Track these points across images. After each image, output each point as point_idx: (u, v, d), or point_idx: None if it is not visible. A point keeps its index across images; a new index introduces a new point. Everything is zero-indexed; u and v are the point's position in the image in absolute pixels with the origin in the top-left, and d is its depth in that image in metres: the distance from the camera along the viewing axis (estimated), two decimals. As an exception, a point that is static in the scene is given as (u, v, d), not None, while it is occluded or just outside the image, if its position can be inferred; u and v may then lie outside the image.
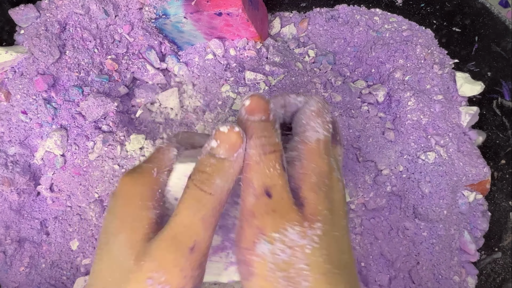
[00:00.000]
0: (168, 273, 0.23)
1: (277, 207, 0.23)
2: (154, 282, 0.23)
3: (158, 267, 0.23)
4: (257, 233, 0.23)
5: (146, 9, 0.49)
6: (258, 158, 0.24)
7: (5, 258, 0.44)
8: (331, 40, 0.57)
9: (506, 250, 0.47)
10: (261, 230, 0.23)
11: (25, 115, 0.44)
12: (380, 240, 0.48)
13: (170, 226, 0.24)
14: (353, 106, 0.50)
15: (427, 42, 0.55)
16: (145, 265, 0.23)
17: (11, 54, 0.44)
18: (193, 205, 0.24)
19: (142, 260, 0.23)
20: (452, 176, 0.47)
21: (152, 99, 0.51)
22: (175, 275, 0.23)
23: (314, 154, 0.26)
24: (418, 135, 0.48)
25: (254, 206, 0.24)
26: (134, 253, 0.24)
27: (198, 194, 0.24)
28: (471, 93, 0.51)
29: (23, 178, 0.44)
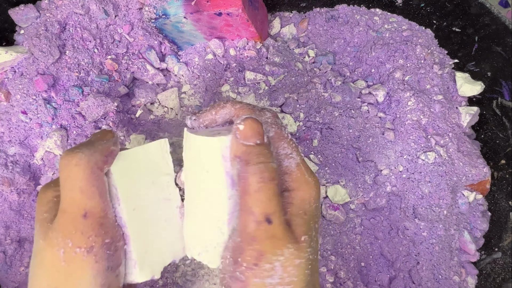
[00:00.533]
0: (73, 239, 0.26)
1: (277, 233, 0.26)
2: (65, 250, 0.26)
3: (63, 237, 0.26)
4: (258, 256, 0.25)
5: (146, 9, 0.49)
6: (257, 186, 0.26)
7: (5, 258, 0.44)
8: (331, 40, 0.57)
9: (506, 250, 0.47)
10: (262, 254, 0.25)
11: (25, 115, 0.44)
12: (380, 240, 0.48)
13: (61, 204, 0.27)
14: (353, 106, 0.50)
15: (427, 42, 0.55)
16: (53, 240, 0.26)
17: (11, 54, 0.44)
18: (68, 180, 0.26)
19: (48, 237, 0.27)
20: (452, 176, 0.47)
21: (152, 99, 0.51)
22: (78, 238, 0.26)
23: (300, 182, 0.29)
24: (418, 135, 0.48)
25: (256, 232, 0.26)
26: (41, 236, 0.27)
27: (69, 169, 0.26)
28: (471, 93, 0.51)
29: (23, 178, 0.44)
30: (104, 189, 0.27)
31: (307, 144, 0.49)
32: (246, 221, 0.26)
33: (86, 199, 0.26)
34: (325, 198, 0.47)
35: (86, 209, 0.26)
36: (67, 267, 0.26)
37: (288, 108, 0.49)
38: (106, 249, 0.27)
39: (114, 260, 0.28)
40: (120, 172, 0.29)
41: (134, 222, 0.30)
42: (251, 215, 0.26)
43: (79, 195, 0.26)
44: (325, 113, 0.49)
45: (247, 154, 0.26)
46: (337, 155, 0.48)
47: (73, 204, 0.26)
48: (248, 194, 0.26)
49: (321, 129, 0.49)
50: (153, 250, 0.31)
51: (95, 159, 0.27)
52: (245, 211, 0.26)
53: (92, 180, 0.26)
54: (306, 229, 0.28)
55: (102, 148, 0.28)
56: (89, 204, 0.26)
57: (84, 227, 0.26)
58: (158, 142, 0.32)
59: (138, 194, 0.31)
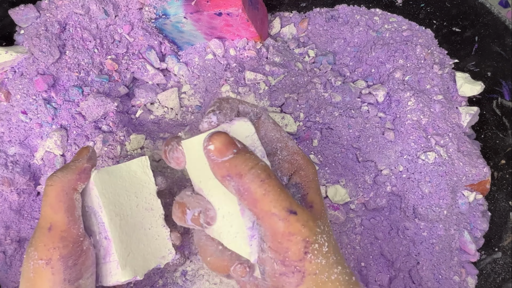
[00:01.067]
0: (38, 250, 0.30)
1: (306, 218, 0.27)
2: (33, 262, 0.30)
3: (33, 249, 0.30)
4: (305, 244, 0.26)
5: (146, 9, 0.49)
6: (262, 189, 0.26)
7: (5, 258, 0.44)
8: (331, 40, 0.57)
9: (506, 250, 0.47)
10: (307, 240, 0.26)
11: (25, 115, 0.44)
12: (380, 240, 0.48)
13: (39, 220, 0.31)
14: (353, 106, 0.50)
15: (427, 42, 0.55)
16: (28, 253, 0.30)
17: (11, 54, 0.44)
18: (43, 198, 0.31)
19: (27, 251, 0.31)
20: (452, 176, 0.47)
21: (152, 99, 0.51)
22: (41, 250, 0.30)
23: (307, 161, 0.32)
24: (418, 135, 0.48)
25: (289, 228, 0.26)
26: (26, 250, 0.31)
27: (45, 189, 0.31)
28: (471, 93, 0.51)
29: (23, 178, 0.44)
30: (71, 205, 0.31)
31: (307, 144, 0.49)
32: (273, 224, 0.26)
33: (53, 213, 0.30)
34: (325, 198, 0.47)
35: (52, 222, 0.30)
36: (33, 278, 0.30)
37: (288, 108, 0.49)
38: (63, 262, 0.30)
39: (72, 273, 0.30)
40: (103, 185, 0.33)
41: (116, 227, 0.33)
42: (274, 217, 0.26)
43: (48, 210, 0.30)
44: (325, 113, 0.49)
45: (234, 168, 0.26)
46: (337, 155, 0.48)
47: (42, 218, 0.31)
48: (259, 201, 0.26)
49: (321, 129, 0.49)
50: (136, 253, 0.34)
51: (66, 179, 0.31)
52: (266, 216, 0.26)
53: (61, 196, 0.31)
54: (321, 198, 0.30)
55: (75, 167, 0.32)
56: (55, 217, 0.30)
57: (47, 239, 0.30)
58: (139, 160, 0.37)
59: (122, 203, 0.34)
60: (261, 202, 0.26)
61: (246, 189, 0.26)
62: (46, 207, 0.31)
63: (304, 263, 0.26)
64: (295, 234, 0.26)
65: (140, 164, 0.37)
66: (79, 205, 0.32)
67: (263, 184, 0.26)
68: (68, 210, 0.31)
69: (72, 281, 0.30)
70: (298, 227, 0.26)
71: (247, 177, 0.26)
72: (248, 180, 0.26)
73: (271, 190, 0.26)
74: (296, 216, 0.26)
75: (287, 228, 0.26)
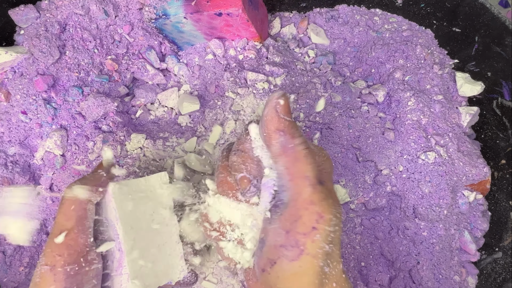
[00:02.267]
0: (45, 256, 0.30)
1: (329, 193, 0.28)
2: (41, 266, 0.30)
3: (42, 255, 0.30)
4: (318, 218, 0.26)
5: (146, 9, 0.49)
6: (305, 154, 0.28)
7: (4, 258, 0.43)
8: (331, 40, 0.57)
9: (506, 249, 0.47)
10: (321, 215, 0.27)
11: (25, 116, 0.44)
12: (380, 240, 0.48)
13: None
14: (353, 106, 0.50)
15: (427, 42, 0.55)
16: (40, 257, 0.31)
17: (11, 54, 0.44)
18: (59, 206, 0.32)
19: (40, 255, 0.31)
20: (452, 176, 0.47)
21: (152, 99, 0.51)
22: (48, 255, 0.30)
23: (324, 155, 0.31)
24: (418, 135, 0.48)
25: (313, 195, 0.27)
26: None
27: (63, 198, 0.32)
28: (471, 93, 0.51)
29: (23, 178, 0.44)
30: (83, 215, 0.32)
31: (307, 144, 0.49)
32: (302, 187, 0.27)
33: (64, 221, 0.31)
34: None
35: (62, 230, 0.31)
36: (38, 282, 0.30)
37: (288, 108, 0.49)
38: (65, 270, 0.30)
39: (72, 282, 0.30)
40: (121, 197, 0.33)
41: (130, 240, 0.33)
42: (306, 180, 0.27)
43: (61, 217, 0.31)
44: (325, 113, 0.49)
45: (290, 128, 0.28)
46: (337, 154, 0.48)
47: (55, 225, 0.31)
48: (300, 161, 0.28)
49: (321, 129, 0.49)
50: (147, 267, 0.34)
51: (83, 190, 0.32)
52: (299, 177, 0.28)
53: (75, 206, 0.31)
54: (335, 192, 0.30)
55: (93, 179, 0.33)
56: (65, 225, 0.31)
57: (54, 246, 0.30)
58: (158, 175, 0.37)
59: (138, 217, 0.34)
60: (301, 163, 0.28)
61: (292, 148, 0.28)
62: (60, 214, 0.31)
63: (307, 239, 0.26)
64: (314, 203, 0.27)
65: (159, 179, 0.37)
66: (91, 215, 0.32)
67: (307, 152, 0.28)
68: (79, 219, 0.31)
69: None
70: (320, 197, 0.27)
71: (298, 140, 0.28)
72: (297, 142, 0.28)
73: (311, 158, 0.28)
74: (322, 187, 0.27)
75: (311, 195, 0.27)
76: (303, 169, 0.28)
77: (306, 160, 0.28)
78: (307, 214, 0.27)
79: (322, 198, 0.27)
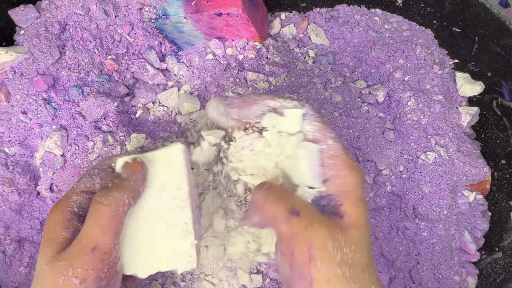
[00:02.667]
0: (74, 268, 0.28)
1: (312, 219, 0.26)
2: (64, 278, 0.28)
3: (67, 265, 0.28)
4: (307, 247, 0.26)
5: (146, 9, 0.49)
6: (263, 196, 0.28)
7: (4, 258, 0.44)
8: (331, 40, 0.57)
9: (506, 250, 0.47)
10: (310, 243, 0.26)
11: (25, 116, 0.44)
12: (380, 240, 0.48)
13: (79, 235, 0.29)
14: (353, 106, 0.50)
15: (427, 42, 0.55)
16: (58, 267, 0.28)
17: (11, 54, 0.44)
18: (93, 215, 0.29)
19: (54, 264, 0.29)
20: (452, 176, 0.47)
21: (152, 99, 0.51)
22: (78, 268, 0.28)
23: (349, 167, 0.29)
24: (418, 135, 0.48)
25: (291, 228, 0.26)
26: (46, 261, 0.29)
27: (97, 206, 0.29)
28: (471, 93, 0.51)
29: (23, 178, 0.44)
30: (120, 229, 0.30)
31: (307, 144, 0.49)
32: (278, 228, 0.27)
33: (101, 235, 0.29)
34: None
35: (98, 243, 0.29)
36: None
37: (288, 108, 0.49)
38: (97, 283, 0.29)
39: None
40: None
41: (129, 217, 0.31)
42: (278, 220, 0.27)
43: (97, 230, 0.29)
44: (325, 113, 0.49)
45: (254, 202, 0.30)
46: (337, 155, 0.48)
47: (88, 236, 0.29)
48: (263, 208, 0.28)
49: (321, 129, 0.49)
50: (144, 249, 0.32)
51: (122, 201, 0.30)
52: (271, 222, 0.28)
53: (113, 220, 0.29)
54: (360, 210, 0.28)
55: (132, 189, 0.31)
56: (102, 239, 0.29)
57: (88, 259, 0.28)
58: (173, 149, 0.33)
59: (146, 194, 0.32)
60: (265, 209, 0.28)
61: (253, 203, 0.29)
62: (96, 226, 0.29)
63: (310, 268, 0.26)
64: (297, 235, 0.26)
65: (174, 154, 0.32)
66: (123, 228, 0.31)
67: (264, 191, 0.28)
68: (116, 234, 0.30)
69: None
70: (299, 228, 0.26)
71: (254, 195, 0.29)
72: (255, 196, 0.29)
73: (271, 194, 0.28)
74: (297, 218, 0.26)
75: (290, 229, 0.27)
76: (269, 213, 0.28)
77: (267, 202, 0.28)
78: (295, 246, 0.26)
79: (301, 227, 0.26)
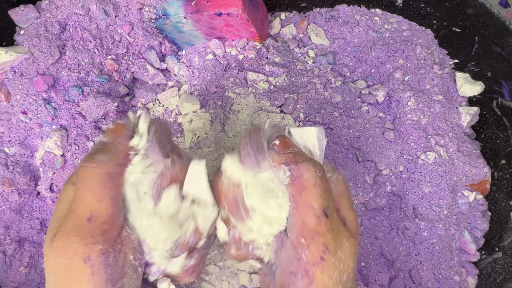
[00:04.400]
0: (72, 244, 0.24)
1: (334, 226, 0.27)
2: (64, 257, 0.24)
3: (64, 241, 0.25)
4: (324, 249, 0.26)
5: (146, 9, 0.49)
6: (313, 180, 0.27)
7: (4, 258, 0.44)
8: (331, 40, 0.57)
9: (506, 250, 0.47)
10: (327, 246, 0.26)
11: (25, 116, 0.44)
12: (380, 240, 0.48)
13: (71, 205, 0.26)
14: (353, 106, 0.50)
15: (427, 42, 0.55)
16: (56, 244, 0.25)
17: (11, 54, 0.44)
18: (81, 181, 0.26)
19: (53, 241, 0.25)
20: (452, 176, 0.47)
21: (152, 99, 0.51)
22: (77, 244, 0.24)
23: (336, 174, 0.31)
24: (418, 135, 0.48)
25: (317, 226, 0.27)
26: (49, 238, 0.26)
27: (83, 170, 0.26)
28: (471, 93, 0.51)
29: (23, 178, 0.44)
30: (117, 193, 0.26)
31: (307, 144, 0.49)
32: (306, 217, 0.27)
33: (95, 201, 0.25)
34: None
35: (93, 211, 0.25)
36: (65, 275, 0.25)
37: (288, 108, 0.49)
38: (104, 260, 0.25)
39: (114, 272, 0.25)
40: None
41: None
42: (311, 210, 0.27)
43: (89, 196, 0.25)
44: (325, 113, 0.49)
45: (292, 157, 0.28)
46: (337, 155, 0.48)
47: (81, 205, 0.25)
48: (307, 190, 0.27)
49: (321, 129, 0.49)
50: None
51: (113, 163, 0.26)
52: (304, 207, 0.27)
53: (106, 182, 0.26)
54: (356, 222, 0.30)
55: (117, 151, 0.27)
56: (97, 206, 0.25)
57: (85, 231, 0.25)
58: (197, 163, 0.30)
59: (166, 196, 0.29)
60: (308, 192, 0.27)
61: (300, 174, 0.27)
62: (87, 192, 0.25)
63: (316, 269, 0.26)
64: (319, 234, 0.27)
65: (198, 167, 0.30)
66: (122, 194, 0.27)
67: (316, 176, 0.27)
68: (114, 199, 0.26)
69: (114, 281, 0.25)
70: (324, 229, 0.27)
71: (304, 165, 0.27)
72: (303, 167, 0.27)
73: (320, 185, 0.27)
74: (326, 219, 0.27)
75: (316, 226, 0.27)
76: (309, 199, 0.27)
77: (313, 189, 0.27)
78: (313, 244, 0.26)
79: (326, 229, 0.27)
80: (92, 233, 0.25)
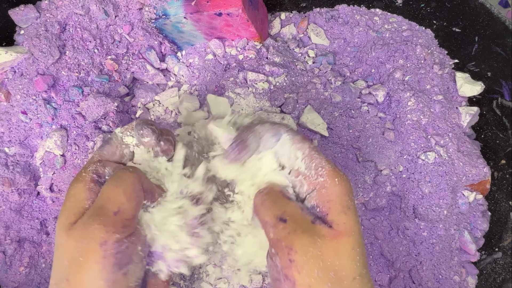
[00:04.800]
0: (95, 231, 0.27)
1: (297, 226, 0.28)
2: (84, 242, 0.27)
3: (86, 229, 0.28)
4: (288, 251, 0.27)
5: (146, 9, 0.49)
6: (261, 200, 0.31)
7: (4, 258, 0.44)
8: (331, 40, 0.57)
9: (506, 250, 0.47)
10: (291, 248, 0.27)
11: (25, 116, 0.44)
12: (380, 240, 0.48)
13: (98, 199, 0.29)
14: (353, 106, 0.50)
15: (427, 42, 0.55)
16: (78, 233, 0.28)
17: (11, 54, 0.44)
18: (115, 179, 0.30)
19: (74, 230, 0.28)
20: (452, 176, 0.47)
21: (152, 99, 0.51)
22: (99, 231, 0.27)
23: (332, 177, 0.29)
24: (418, 135, 0.48)
25: (277, 233, 0.28)
26: (65, 229, 0.29)
27: (120, 171, 0.30)
28: (471, 93, 0.51)
29: (23, 178, 0.44)
30: (142, 198, 0.31)
31: (307, 144, 0.49)
32: (267, 232, 0.30)
33: (126, 200, 0.29)
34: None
35: (121, 208, 0.29)
36: (80, 258, 0.27)
37: (288, 108, 0.49)
38: (117, 246, 0.28)
39: (123, 258, 0.28)
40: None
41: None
42: (267, 225, 0.29)
43: (122, 195, 0.29)
44: (325, 113, 0.49)
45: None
46: (337, 155, 0.48)
47: (111, 200, 0.29)
48: (259, 211, 0.31)
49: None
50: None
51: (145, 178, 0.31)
52: (263, 225, 0.30)
53: (137, 187, 0.30)
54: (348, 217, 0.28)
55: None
56: (126, 205, 0.29)
57: (109, 221, 0.28)
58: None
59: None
60: (260, 212, 0.30)
61: (254, 202, 0.32)
62: (120, 190, 0.29)
63: (292, 271, 0.27)
64: (281, 240, 0.28)
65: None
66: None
67: (263, 195, 0.31)
68: (139, 203, 0.30)
69: (121, 266, 0.28)
70: (284, 233, 0.28)
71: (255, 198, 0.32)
72: (255, 200, 0.32)
73: (267, 199, 0.30)
74: (283, 224, 0.28)
75: (276, 234, 0.28)
76: (262, 217, 0.30)
77: (262, 206, 0.30)
78: (279, 250, 0.28)
79: (285, 233, 0.28)
80: (115, 224, 0.28)
